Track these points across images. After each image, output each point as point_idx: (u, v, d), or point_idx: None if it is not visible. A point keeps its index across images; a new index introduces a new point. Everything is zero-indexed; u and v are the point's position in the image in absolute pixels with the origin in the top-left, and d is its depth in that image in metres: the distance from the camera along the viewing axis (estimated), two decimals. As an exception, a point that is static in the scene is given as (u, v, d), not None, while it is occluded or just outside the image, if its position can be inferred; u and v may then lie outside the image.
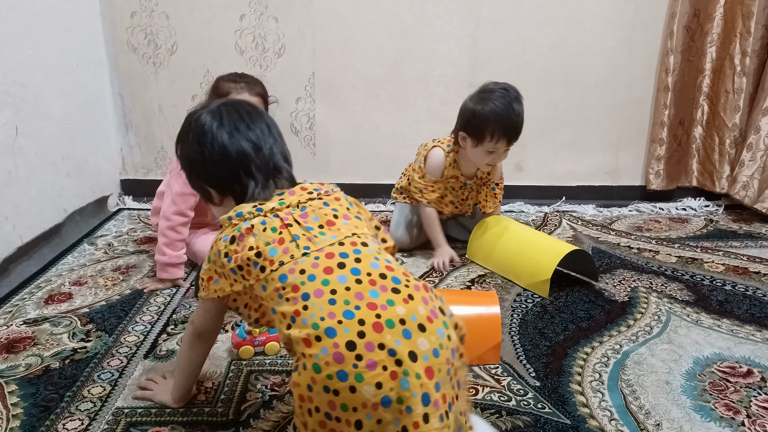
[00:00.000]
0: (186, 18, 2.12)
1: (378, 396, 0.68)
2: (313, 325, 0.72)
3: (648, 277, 1.59)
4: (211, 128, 0.88)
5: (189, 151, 0.91)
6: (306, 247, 0.80)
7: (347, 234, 0.83)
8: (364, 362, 0.69)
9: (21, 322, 1.30)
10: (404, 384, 0.69)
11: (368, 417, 0.69)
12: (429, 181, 1.68)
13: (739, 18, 2.14)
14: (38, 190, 1.64)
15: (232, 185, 0.89)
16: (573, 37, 2.21)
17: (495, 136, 1.55)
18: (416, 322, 0.73)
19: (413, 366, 0.70)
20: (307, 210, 0.85)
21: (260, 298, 0.83)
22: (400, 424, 0.69)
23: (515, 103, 1.56)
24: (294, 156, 0.96)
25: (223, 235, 0.84)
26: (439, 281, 1.57)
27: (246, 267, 0.81)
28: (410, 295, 0.76)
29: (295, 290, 0.76)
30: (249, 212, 0.84)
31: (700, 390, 1.08)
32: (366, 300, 0.74)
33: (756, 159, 2.14)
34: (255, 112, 0.93)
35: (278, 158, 0.91)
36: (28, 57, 1.60)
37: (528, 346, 1.24)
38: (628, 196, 2.38)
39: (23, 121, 1.56)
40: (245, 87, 1.50)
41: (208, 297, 0.88)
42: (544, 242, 1.63)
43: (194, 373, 1.01)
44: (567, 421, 1.00)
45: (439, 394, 0.71)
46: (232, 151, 0.87)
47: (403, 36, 2.18)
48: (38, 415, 0.99)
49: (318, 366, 0.70)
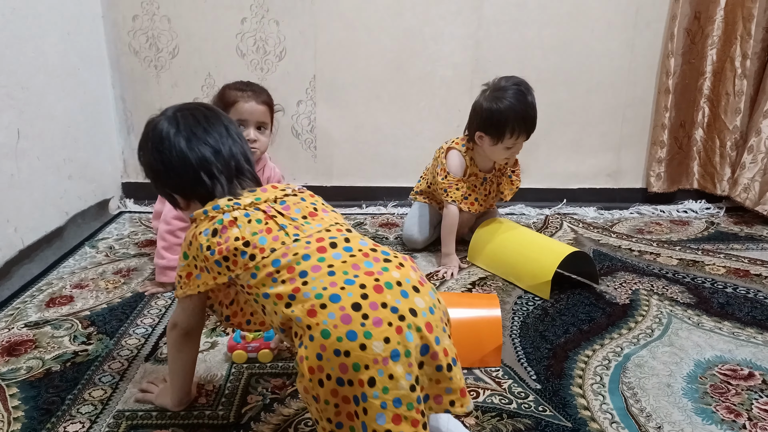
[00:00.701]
0: (187, 21, 2.13)
1: (387, 350, 0.71)
2: (316, 295, 0.75)
3: (649, 280, 1.59)
4: (168, 135, 0.90)
5: (149, 159, 0.93)
6: (295, 234, 0.83)
7: (331, 223, 0.87)
8: (371, 320, 0.72)
9: (22, 325, 1.31)
10: (409, 337, 0.73)
11: (380, 373, 0.71)
12: (453, 180, 1.69)
13: (740, 20, 2.14)
14: (40, 192, 1.65)
15: (195, 189, 0.90)
16: (575, 37, 2.21)
17: (516, 132, 1.58)
18: (410, 285, 0.78)
19: (415, 320, 0.74)
20: (288, 203, 0.88)
21: (247, 288, 0.83)
22: (412, 377, 0.72)
23: (529, 96, 1.59)
24: (295, 159, 0.97)
25: (203, 229, 0.84)
26: (440, 284, 1.57)
27: (232, 257, 0.82)
28: (401, 263, 0.81)
29: (290, 271, 0.78)
30: (227, 205, 0.85)
31: (701, 393, 1.08)
32: (363, 269, 0.78)
33: (757, 161, 2.14)
34: (212, 115, 0.94)
35: (240, 159, 0.92)
36: (30, 59, 1.60)
37: (529, 348, 1.24)
38: (629, 199, 2.38)
39: (25, 123, 1.56)
40: (252, 96, 1.50)
41: (188, 294, 0.88)
42: (545, 244, 1.63)
43: (189, 375, 1.01)
44: (568, 424, 0.99)
45: (439, 347, 0.75)
46: (191, 157, 0.89)
47: (406, 37, 2.19)
48: (39, 418, 0.99)
49: (327, 331, 0.72)
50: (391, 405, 0.71)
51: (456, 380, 0.77)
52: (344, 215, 2.18)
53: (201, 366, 1.15)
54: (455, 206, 1.69)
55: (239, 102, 1.47)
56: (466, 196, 1.70)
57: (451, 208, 1.69)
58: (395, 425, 0.71)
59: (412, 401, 0.72)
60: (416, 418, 0.72)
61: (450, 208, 1.69)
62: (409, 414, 0.72)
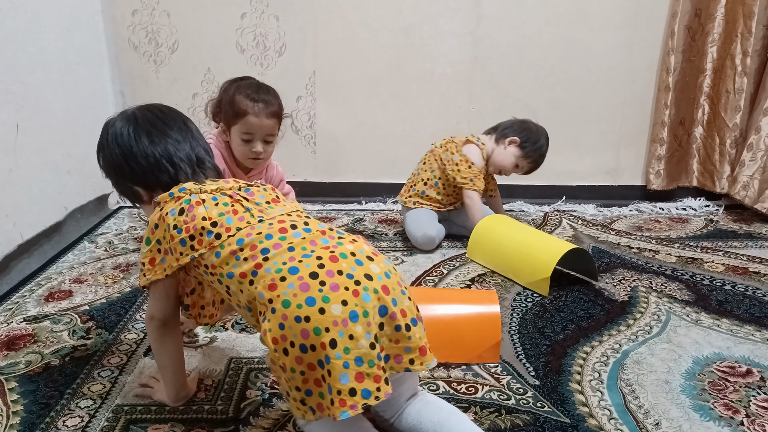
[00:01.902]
0: (187, 16, 2.12)
1: (346, 312, 0.74)
2: (276, 269, 0.79)
3: (648, 277, 1.59)
4: (128, 130, 0.93)
5: (109, 157, 0.96)
6: (260, 216, 0.87)
7: (293, 209, 0.92)
8: (328, 286, 0.76)
9: (21, 320, 1.31)
10: (366, 298, 0.76)
11: (340, 334, 0.73)
12: (476, 171, 1.80)
13: (741, 18, 2.14)
14: (39, 187, 1.64)
15: (158, 178, 0.93)
16: (574, 35, 2.21)
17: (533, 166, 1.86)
18: (364, 255, 0.82)
19: (371, 284, 0.78)
20: (252, 191, 0.92)
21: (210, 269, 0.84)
22: (372, 336, 0.75)
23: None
24: (294, 155, 0.98)
25: (169, 209, 0.87)
26: (439, 280, 1.57)
27: (198, 236, 0.85)
28: (354, 239, 0.86)
29: (253, 249, 0.82)
30: (194, 188, 0.89)
31: (699, 389, 1.08)
32: (319, 245, 0.82)
33: (756, 159, 2.14)
34: (169, 111, 0.98)
35: (199, 150, 0.96)
36: (29, 55, 1.60)
37: (528, 345, 1.24)
38: (628, 196, 2.38)
39: (24, 118, 1.56)
40: (263, 109, 1.44)
41: (154, 280, 0.89)
42: (544, 241, 1.63)
43: (179, 366, 1.00)
44: (566, 419, 1.00)
45: (397, 308, 0.79)
46: (151, 147, 0.92)
47: (405, 34, 2.19)
48: (38, 412, 0.99)
49: (287, 301, 0.75)
50: (353, 364, 0.73)
51: (415, 339, 0.80)
52: (343, 211, 2.19)
53: (200, 361, 1.15)
54: (477, 193, 1.80)
55: (249, 116, 1.43)
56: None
57: (474, 195, 1.80)
58: (358, 383, 0.73)
59: (373, 358, 0.75)
60: (378, 374, 0.75)
61: (473, 196, 1.80)
62: (371, 371, 0.74)
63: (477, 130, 1.95)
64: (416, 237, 1.77)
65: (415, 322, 0.81)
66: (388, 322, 0.78)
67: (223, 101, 1.48)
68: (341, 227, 2.00)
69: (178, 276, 0.92)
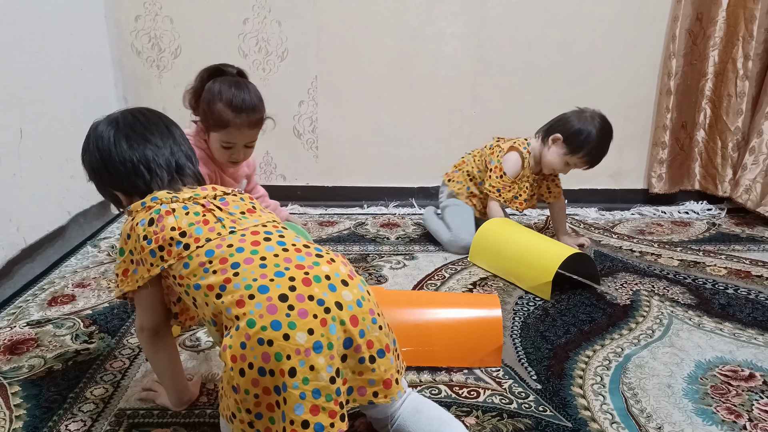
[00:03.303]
0: (190, 21, 2.13)
1: (310, 342, 0.73)
2: (246, 286, 0.76)
3: (650, 281, 1.59)
4: (108, 134, 0.92)
5: (90, 159, 0.94)
6: (232, 227, 0.84)
7: (269, 219, 0.89)
8: (296, 311, 0.74)
9: (24, 324, 1.31)
10: (332, 329, 0.75)
11: (301, 363, 0.72)
12: (507, 181, 1.79)
13: (742, 21, 2.14)
14: (42, 192, 1.65)
15: (135, 184, 0.91)
16: (577, 37, 2.22)
17: (586, 157, 1.73)
18: (339, 278, 0.80)
19: (340, 314, 0.76)
20: (227, 200, 0.90)
21: (178, 279, 0.83)
22: (333, 369, 0.74)
23: (610, 139, 1.75)
24: (296, 159, 0.97)
25: (139, 219, 0.86)
26: (441, 284, 1.58)
27: (167, 247, 0.83)
28: (332, 259, 0.84)
29: (223, 262, 0.80)
30: (166, 198, 0.87)
31: (701, 393, 1.08)
32: (294, 263, 0.80)
33: (759, 162, 2.14)
34: (152, 115, 0.97)
35: (180, 156, 0.94)
36: (33, 59, 1.61)
37: (529, 348, 1.24)
38: (630, 200, 2.38)
39: (28, 123, 1.57)
40: (245, 121, 1.36)
41: (129, 289, 0.88)
42: (546, 245, 1.63)
43: (177, 373, 0.99)
44: (568, 424, 1.00)
45: (363, 339, 0.78)
46: (129, 152, 0.91)
47: (408, 37, 2.19)
48: (41, 416, 0.99)
49: (252, 320, 0.73)
50: (310, 396, 0.72)
51: (379, 372, 0.79)
52: (346, 215, 2.19)
53: (202, 365, 1.16)
54: (497, 203, 1.82)
55: (231, 128, 1.36)
56: (516, 195, 1.82)
57: (494, 205, 1.81)
58: (312, 416, 0.72)
59: (331, 393, 0.73)
60: (334, 409, 0.74)
61: (493, 206, 1.81)
62: (327, 405, 0.73)
63: (480, 133, 1.95)
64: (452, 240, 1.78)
65: (382, 354, 0.79)
66: (351, 354, 0.77)
67: (202, 100, 1.38)
68: (343, 231, 2.00)
69: (160, 284, 0.90)
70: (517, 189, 1.82)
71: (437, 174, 2.38)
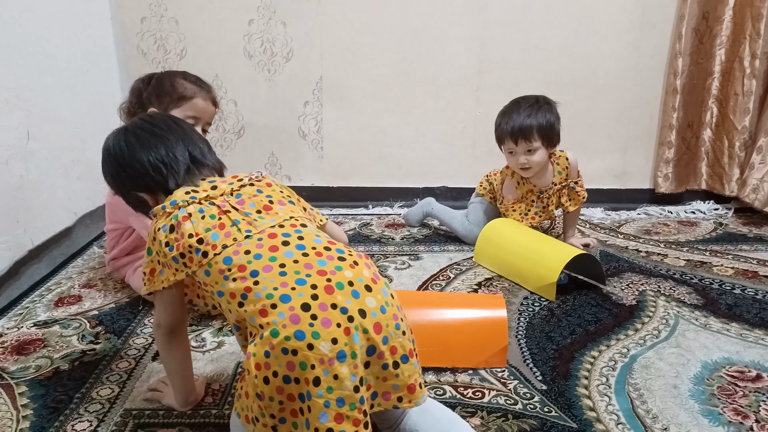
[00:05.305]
0: (195, 23, 2.14)
1: (334, 351, 0.72)
2: (267, 295, 0.76)
3: (656, 281, 1.58)
4: (119, 140, 0.94)
5: (108, 168, 0.96)
6: (248, 230, 0.83)
7: (285, 217, 0.87)
8: (320, 321, 0.73)
9: (31, 325, 1.32)
10: (356, 339, 0.74)
11: (325, 373, 0.72)
12: (509, 203, 1.82)
13: (749, 20, 2.13)
14: (49, 193, 1.66)
15: (155, 179, 0.91)
16: (581, 38, 2.21)
17: (506, 139, 1.69)
18: (363, 284, 0.79)
19: (363, 322, 0.75)
20: (243, 197, 0.88)
21: (203, 285, 0.84)
22: (357, 378, 0.74)
23: (523, 104, 1.68)
24: (302, 160, 0.97)
25: (161, 225, 0.86)
26: (446, 284, 1.57)
27: (188, 254, 0.83)
28: (355, 262, 0.82)
29: (241, 270, 0.79)
30: (183, 200, 0.86)
31: (708, 394, 1.08)
32: (315, 268, 0.78)
33: (766, 162, 2.12)
34: (159, 115, 0.98)
35: (193, 148, 0.94)
36: (38, 61, 1.61)
37: (535, 349, 1.24)
38: (636, 200, 2.37)
39: (34, 124, 1.58)
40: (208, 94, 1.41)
41: (153, 290, 0.89)
42: (552, 246, 1.62)
43: (187, 372, 1.00)
44: (573, 424, 0.99)
45: (386, 346, 0.77)
46: (142, 150, 0.92)
47: (411, 38, 2.19)
48: (47, 417, 1.00)
49: (276, 330, 0.73)
50: (334, 404, 0.72)
51: (403, 377, 0.79)
52: (351, 216, 2.19)
53: (208, 366, 1.16)
54: None
55: (197, 98, 1.38)
56: (525, 212, 1.81)
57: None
58: (337, 424, 0.72)
59: (355, 401, 0.73)
60: (358, 417, 0.74)
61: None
62: (352, 414, 0.73)
63: (484, 134, 1.95)
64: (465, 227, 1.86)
65: (405, 359, 0.79)
66: (374, 361, 0.77)
67: (155, 87, 1.40)
68: (348, 231, 2.00)
69: (182, 285, 0.91)
70: (524, 207, 1.81)
71: (441, 175, 2.38)
